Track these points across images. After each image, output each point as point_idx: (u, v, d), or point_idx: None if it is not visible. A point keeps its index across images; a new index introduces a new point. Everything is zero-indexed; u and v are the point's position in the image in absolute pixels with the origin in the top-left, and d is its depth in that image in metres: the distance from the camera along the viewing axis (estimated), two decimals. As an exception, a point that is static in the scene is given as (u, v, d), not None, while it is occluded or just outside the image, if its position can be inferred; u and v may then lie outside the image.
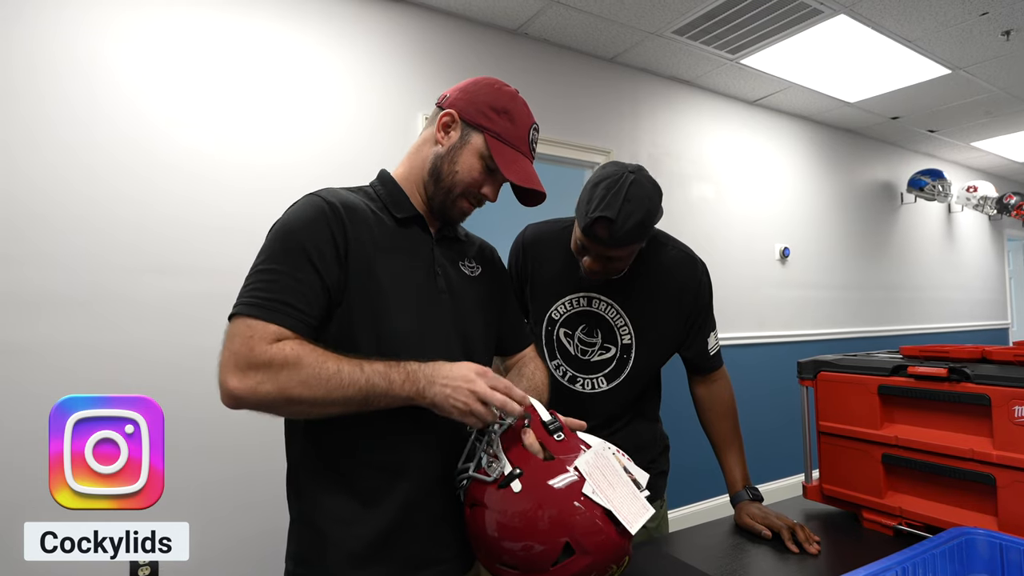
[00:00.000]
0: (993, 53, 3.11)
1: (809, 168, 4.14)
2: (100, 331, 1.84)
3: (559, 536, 0.74)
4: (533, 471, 0.78)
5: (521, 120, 0.96)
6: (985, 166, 5.57)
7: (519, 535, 0.76)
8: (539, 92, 2.86)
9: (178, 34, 2.03)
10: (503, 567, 0.78)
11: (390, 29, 2.45)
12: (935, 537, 0.85)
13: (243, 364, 0.77)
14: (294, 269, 0.83)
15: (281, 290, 0.81)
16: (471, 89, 0.97)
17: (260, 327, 0.79)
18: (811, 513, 1.28)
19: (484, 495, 0.80)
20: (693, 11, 2.61)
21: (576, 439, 0.83)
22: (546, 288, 1.30)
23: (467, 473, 0.85)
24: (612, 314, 1.26)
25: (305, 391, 0.76)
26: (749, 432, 1.40)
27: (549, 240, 1.33)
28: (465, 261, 1.05)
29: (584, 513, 0.75)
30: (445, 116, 0.95)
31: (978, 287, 5.63)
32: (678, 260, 1.29)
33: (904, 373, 1.12)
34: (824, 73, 3.35)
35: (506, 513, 0.77)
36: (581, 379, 1.28)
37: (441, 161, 0.95)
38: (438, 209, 0.98)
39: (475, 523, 0.81)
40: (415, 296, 0.92)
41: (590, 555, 0.74)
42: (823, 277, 4.14)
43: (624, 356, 1.26)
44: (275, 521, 1.01)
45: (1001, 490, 0.97)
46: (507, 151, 0.94)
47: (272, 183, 2.14)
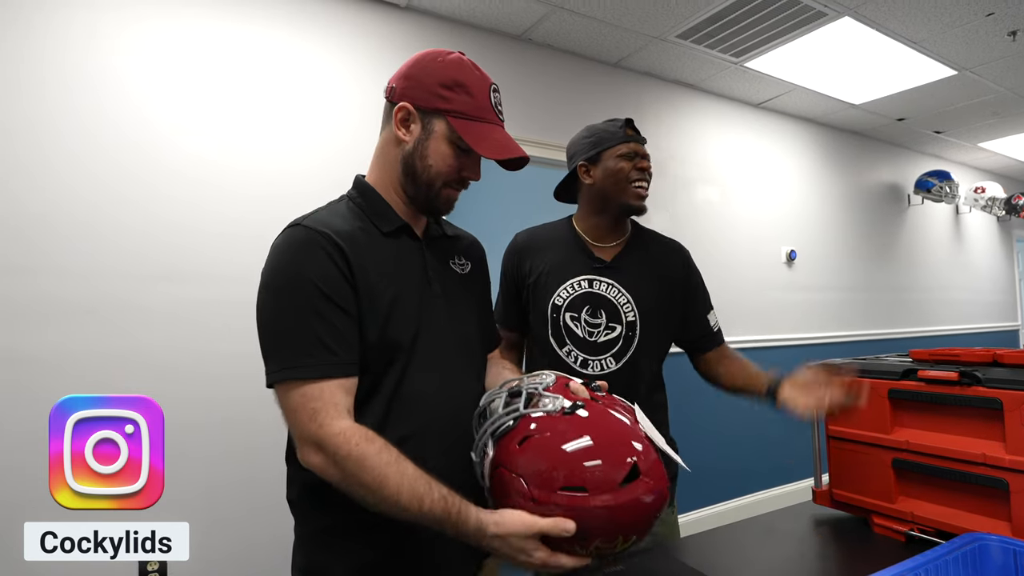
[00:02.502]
0: (1000, 54, 3.09)
1: (815, 170, 4.12)
2: (106, 337, 1.85)
3: (628, 455, 0.75)
4: (592, 405, 0.82)
5: (477, 88, 0.90)
6: (993, 167, 5.53)
7: (590, 454, 0.75)
8: (543, 97, 2.87)
9: (184, 42, 2.04)
10: (567, 491, 0.74)
11: (394, 35, 2.47)
12: (948, 543, 0.84)
13: (313, 442, 0.78)
14: (320, 314, 0.79)
15: (316, 341, 0.79)
16: (414, 73, 0.91)
17: (315, 393, 0.77)
18: (821, 518, 1.26)
19: (544, 424, 0.79)
20: (697, 15, 2.61)
21: (614, 397, 0.88)
22: (547, 278, 1.35)
23: (517, 413, 0.81)
24: (614, 293, 1.32)
25: (365, 494, 0.76)
26: (758, 436, 1.40)
27: (543, 237, 1.42)
28: (455, 259, 1.03)
29: (647, 441, 0.78)
30: (400, 112, 0.90)
31: (987, 288, 5.58)
32: (662, 242, 1.44)
33: (914, 377, 1.11)
34: (829, 75, 3.34)
35: (576, 434, 0.77)
36: (592, 361, 1.31)
37: (411, 159, 0.91)
38: (424, 206, 0.94)
39: (529, 453, 0.77)
40: (416, 308, 0.90)
41: (652, 480, 0.75)
42: (830, 280, 4.11)
43: (630, 333, 1.31)
44: (277, 522, 1.01)
45: (1014, 495, 0.96)
46: (474, 127, 0.89)
47: (278, 189, 2.15)
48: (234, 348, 2.00)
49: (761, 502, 3.35)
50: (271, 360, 0.80)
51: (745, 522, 1.25)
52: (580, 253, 1.36)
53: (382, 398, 0.86)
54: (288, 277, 0.81)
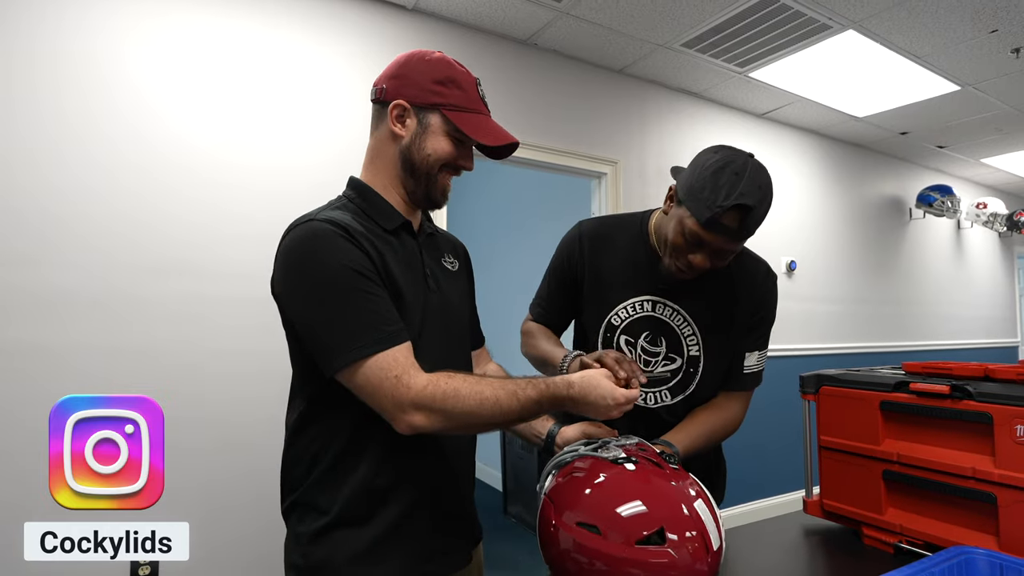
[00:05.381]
0: (1003, 70, 3.10)
1: (817, 182, 4.13)
2: (110, 332, 1.86)
3: (657, 514, 0.74)
4: (645, 465, 0.83)
5: (466, 82, 0.95)
6: (995, 183, 5.54)
7: (618, 500, 0.76)
8: (548, 102, 2.88)
9: (194, 41, 2.06)
10: (582, 527, 0.76)
11: (400, 37, 2.48)
12: (934, 555, 0.84)
13: (410, 404, 0.80)
14: (365, 292, 0.82)
15: (372, 317, 0.82)
16: (404, 72, 0.94)
17: (389, 362, 0.80)
18: (811, 529, 1.27)
19: (591, 465, 0.84)
20: (702, 24, 2.63)
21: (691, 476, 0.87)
22: (605, 290, 1.19)
23: (576, 452, 0.90)
24: (679, 321, 1.15)
25: (473, 420, 0.83)
26: (753, 447, 1.40)
27: (609, 237, 1.21)
28: (446, 256, 1.06)
29: (691, 517, 0.76)
30: (395, 109, 0.93)
31: (987, 304, 5.58)
32: (749, 263, 1.18)
33: (906, 389, 1.11)
34: (833, 88, 3.36)
35: (611, 480, 0.80)
36: (643, 392, 1.17)
37: (409, 152, 0.93)
38: (423, 198, 0.97)
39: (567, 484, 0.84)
40: (420, 304, 0.93)
41: (676, 552, 0.72)
42: (830, 291, 4.12)
43: (691, 369, 1.16)
44: (276, 521, 1.02)
45: (1002, 509, 0.96)
46: (470, 118, 0.93)
47: (285, 187, 2.17)
48: (236, 346, 2.01)
49: (753, 512, 3.35)
50: (335, 350, 0.81)
51: (735, 531, 1.26)
52: (649, 267, 1.16)
53: None
54: (320, 268, 0.83)
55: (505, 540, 3.39)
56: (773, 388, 3.57)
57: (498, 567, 3.01)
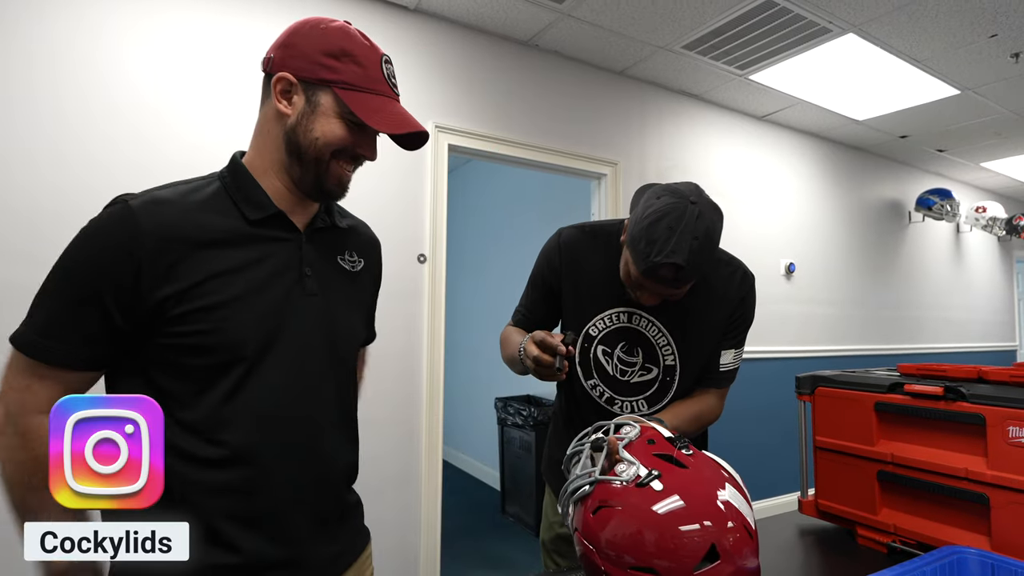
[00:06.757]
0: (1002, 75, 3.11)
1: (816, 184, 4.15)
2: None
3: (705, 536, 0.71)
4: (672, 473, 0.77)
5: (367, 57, 0.81)
6: (994, 187, 5.55)
7: (662, 536, 0.72)
8: (549, 103, 2.89)
9: (193, 39, 2.07)
10: (637, 570, 0.72)
11: (403, 39, 2.49)
12: (927, 555, 0.85)
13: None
14: (63, 297, 0.76)
15: (47, 316, 0.76)
16: (293, 41, 0.81)
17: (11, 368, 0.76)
18: (806, 528, 1.28)
19: (618, 495, 0.76)
20: (703, 27, 2.64)
21: (704, 455, 0.83)
22: (583, 301, 1.20)
23: (590, 478, 0.81)
24: (654, 332, 1.17)
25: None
26: (750, 447, 1.40)
27: (586, 248, 1.21)
28: (346, 254, 0.93)
29: (729, 511, 0.73)
30: (279, 83, 0.80)
31: (986, 308, 5.59)
32: (726, 269, 1.22)
33: (901, 391, 1.12)
34: (833, 91, 3.37)
35: (648, 509, 0.73)
36: (619, 401, 1.19)
37: (295, 134, 0.81)
38: (312, 189, 0.84)
39: (601, 524, 0.76)
40: (272, 308, 0.80)
41: (733, 563, 0.70)
42: (829, 294, 4.13)
43: (667, 379, 1.18)
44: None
45: (994, 510, 0.97)
46: (365, 99, 0.80)
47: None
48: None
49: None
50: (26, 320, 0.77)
51: (731, 529, 1.26)
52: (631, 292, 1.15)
53: (212, 404, 0.77)
54: (64, 255, 0.77)
55: (503, 540, 3.39)
56: (770, 389, 3.60)
57: (497, 567, 3.02)
